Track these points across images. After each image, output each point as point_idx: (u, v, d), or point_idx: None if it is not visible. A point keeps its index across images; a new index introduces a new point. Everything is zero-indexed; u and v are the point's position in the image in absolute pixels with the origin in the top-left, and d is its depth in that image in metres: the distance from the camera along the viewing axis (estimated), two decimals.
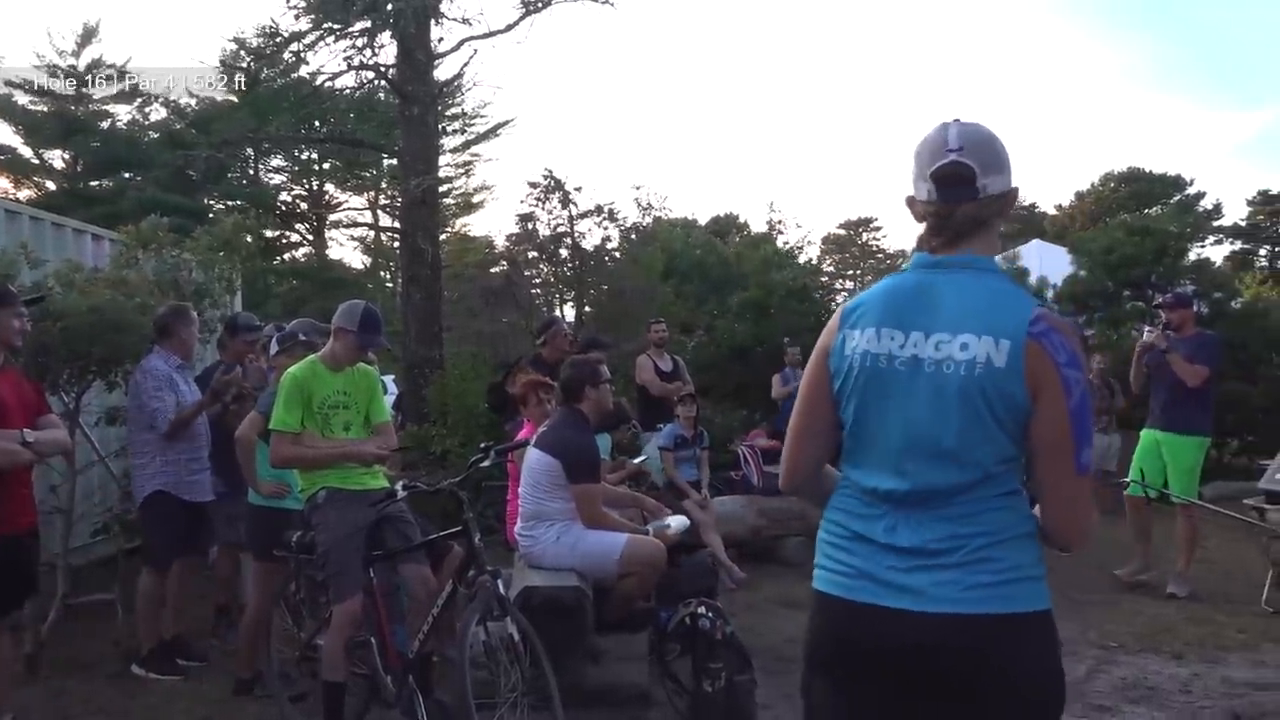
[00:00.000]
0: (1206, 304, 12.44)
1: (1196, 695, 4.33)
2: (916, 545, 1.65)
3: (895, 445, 1.69)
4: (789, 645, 5.14)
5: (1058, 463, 1.61)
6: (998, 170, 1.70)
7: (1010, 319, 1.61)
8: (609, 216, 12.32)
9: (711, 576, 5.02)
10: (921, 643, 1.62)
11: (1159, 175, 46.82)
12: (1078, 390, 1.60)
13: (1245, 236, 46.38)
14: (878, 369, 1.71)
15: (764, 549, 7.29)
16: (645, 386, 8.22)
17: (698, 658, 4.02)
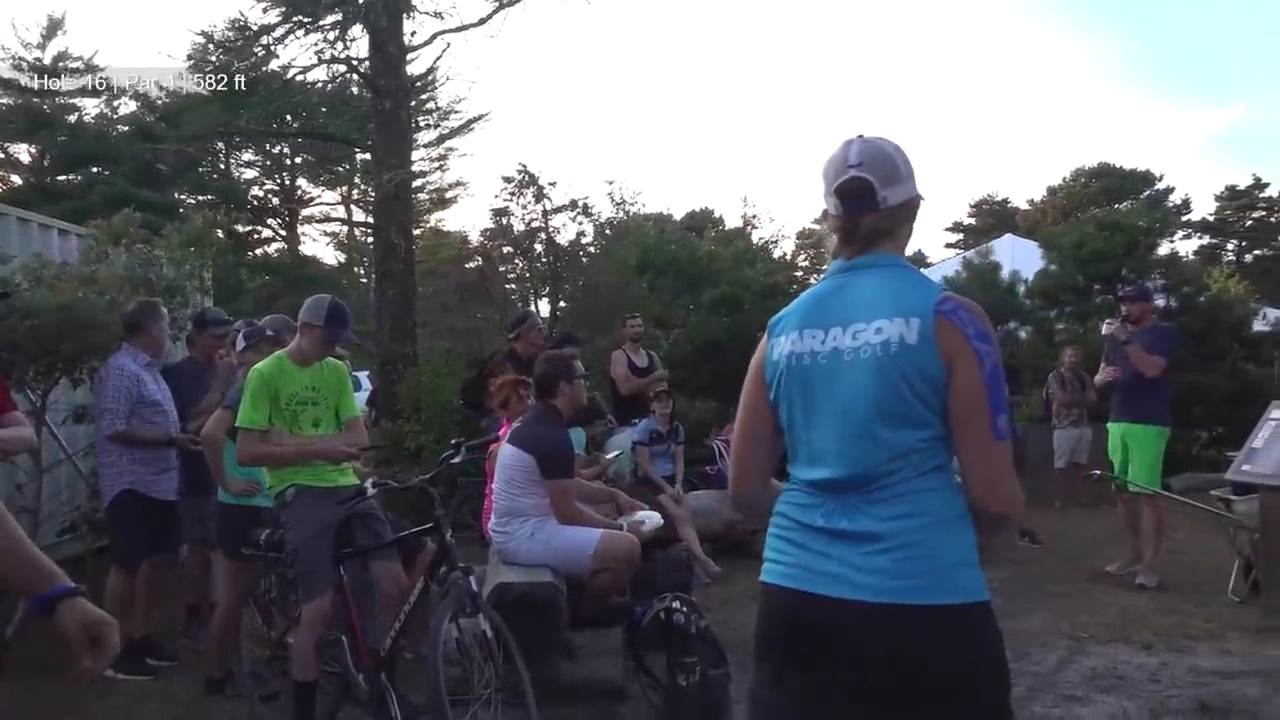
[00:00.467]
0: (1176, 298, 12.60)
1: (1165, 685, 4.38)
2: (852, 530, 1.68)
3: (827, 435, 1.75)
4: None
5: (975, 430, 1.66)
6: (897, 181, 1.80)
7: (918, 300, 1.70)
8: (583, 211, 12.29)
9: (686, 571, 5.03)
10: (848, 631, 1.65)
11: (1129, 171, 47.34)
12: (989, 360, 1.66)
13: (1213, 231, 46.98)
14: (803, 367, 1.79)
15: (739, 543, 7.30)
16: (615, 383, 8.21)
17: (672, 652, 4.02)
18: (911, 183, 1.84)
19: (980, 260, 14.00)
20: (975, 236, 42.93)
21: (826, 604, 1.67)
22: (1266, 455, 5.42)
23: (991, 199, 53.71)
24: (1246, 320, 12.95)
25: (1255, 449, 5.53)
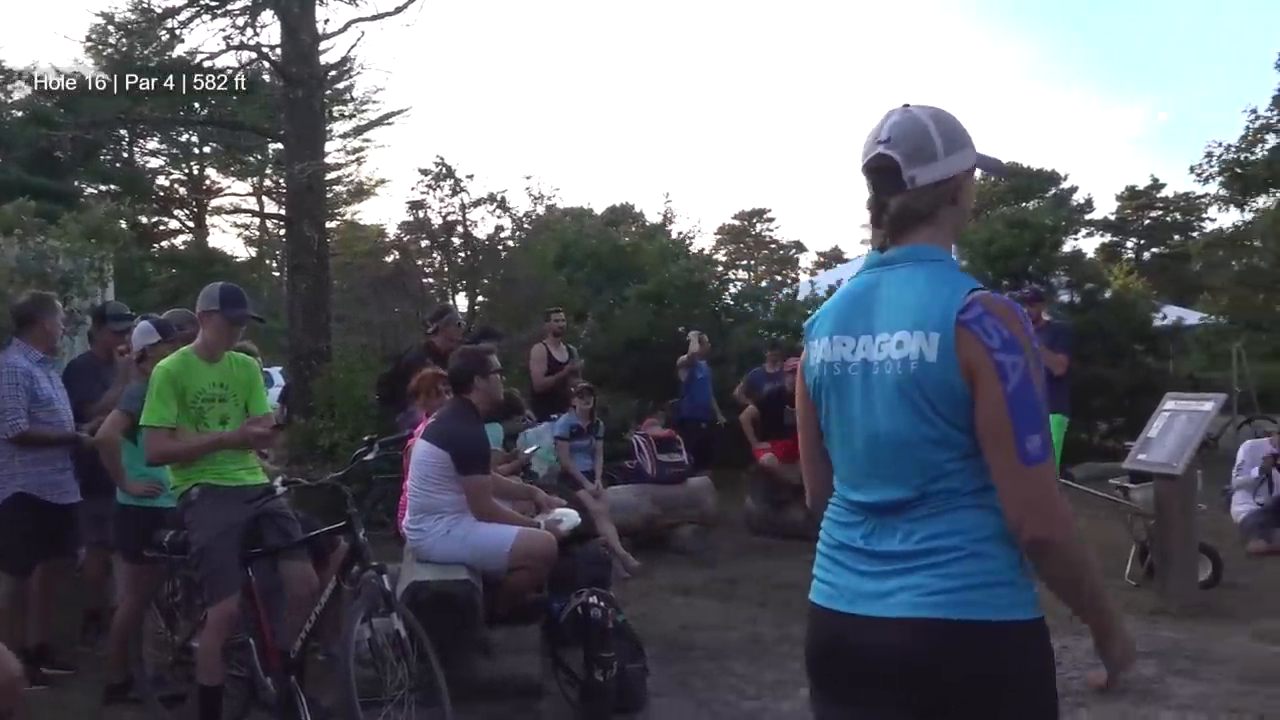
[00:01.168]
0: (1079, 295, 13.05)
1: (1066, 667, 4.51)
2: (890, 550, 1.61)
3: (861, 453, 1.67)
4: (683, 632, 5.20)
5: (1000, 454, 1.51)
6: (929, 159, 1.63)
7: (940, 310, 1.56)
8: (501, 205, 12.19)
9: (604, 566, 5.03)
10: (882, 648, 1.58)
11: (1036, 170, 48.84)
12: (1015, 375, 1.50)
13: (1114, 230, 48.79)
14: (834, 378, 1.69)
15: (658, 537, 7.34)
16: (530, 378, 8.18)
17: (589, 647, 4.02)
18: (953, 159, 1.65)
19: None
20: None
21: (862, 623, 1.61)
22: (1160, 445, 5.64)
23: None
24: (1147, 317, 13.46)
25: (1150, 439, 5.75)
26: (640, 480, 7.52)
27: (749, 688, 4.34)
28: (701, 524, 7.53)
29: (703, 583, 6.35)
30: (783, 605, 5.73)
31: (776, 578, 6.47)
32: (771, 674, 4.50)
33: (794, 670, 4.54)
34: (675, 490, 7.42)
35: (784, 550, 7.35)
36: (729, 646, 4.94)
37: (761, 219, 58.87)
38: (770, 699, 4.20)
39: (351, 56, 11.91)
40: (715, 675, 4.50)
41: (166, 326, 4.44)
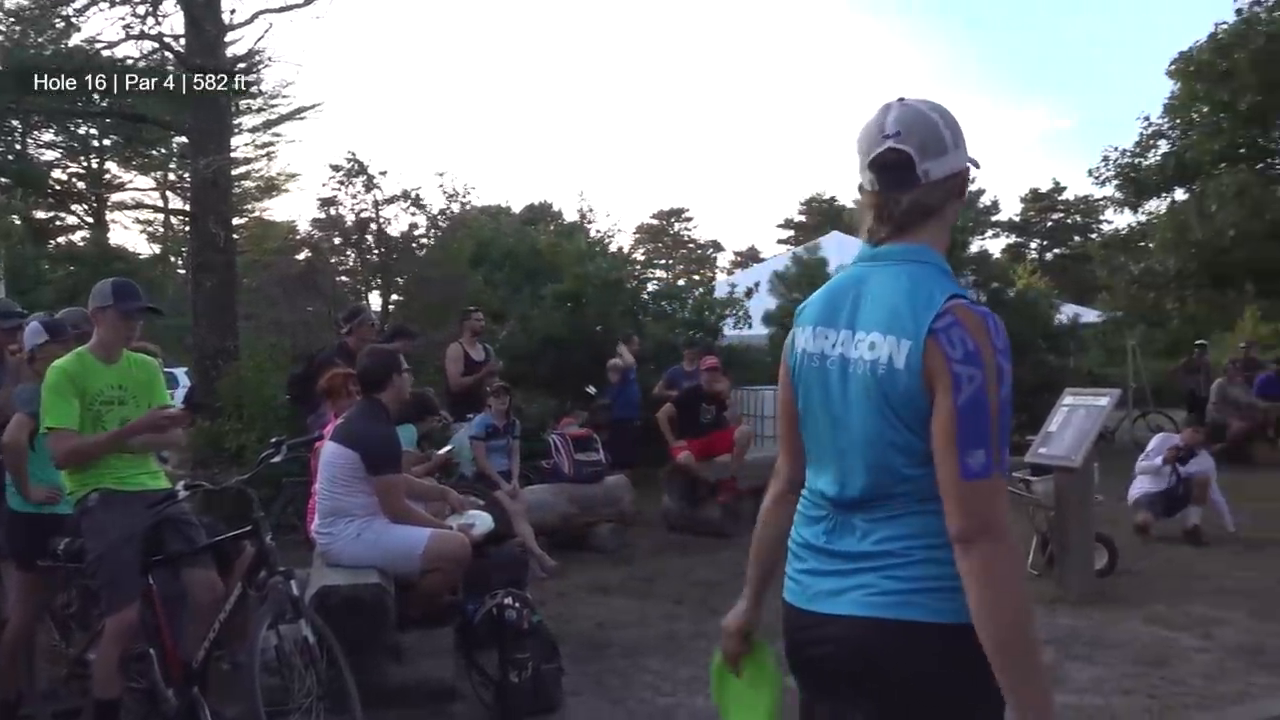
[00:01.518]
0: (985, 293, 13.44)
1: None
2: (848, 550, 1.62)
3: (830, 447, 1.66)
4: (599, 631, 5.19)
5: (945, 461, 1.49)
6: (939, 153, 1.61)
7: (916, 317, 1.54)
8: (415, 203, 12.00)
9: (520, 567, 5.00)
10: (832, 645, 1.61)
11: None
12: (969, 387, 1.48)
13: (1019, 231, 50.42)
14: (813, 369, 1.68)
15: (575, 537, 7.32)
16: (446, 378, 8.10)
17: (504, 649, 3.99)
18: (960, 152, 1.64)
19: (808, 256, 14.52)
20: (805, 233, 44.53)
21: (816, 619, 1.63)
22: (1059, 439, 5.85)
23: (820, 197, 55.88)
24: (1048, 315, 13.92)
25: (1050, 433, 5.96)
26: (557, 479, 7.50)
27: (664, 684, 4.37)
28: (619, 522, 7.54)
29: (620, 581, 6.36)
30: (699, 603, 5.78)
31: (693, 575, 6.53)
32: (687, 670, 4.53)
33: (708, 666, 4.58)
34: (592, 489, 7.42)
35: (701, 547, 7.42)
36: (645, 644, 4.96)
37: (680, 218, 59.25)
38: (685, 695, 4.23)
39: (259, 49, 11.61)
40: (631, 673, 4.52)
41: (57, 326, 4.25)
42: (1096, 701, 4.01)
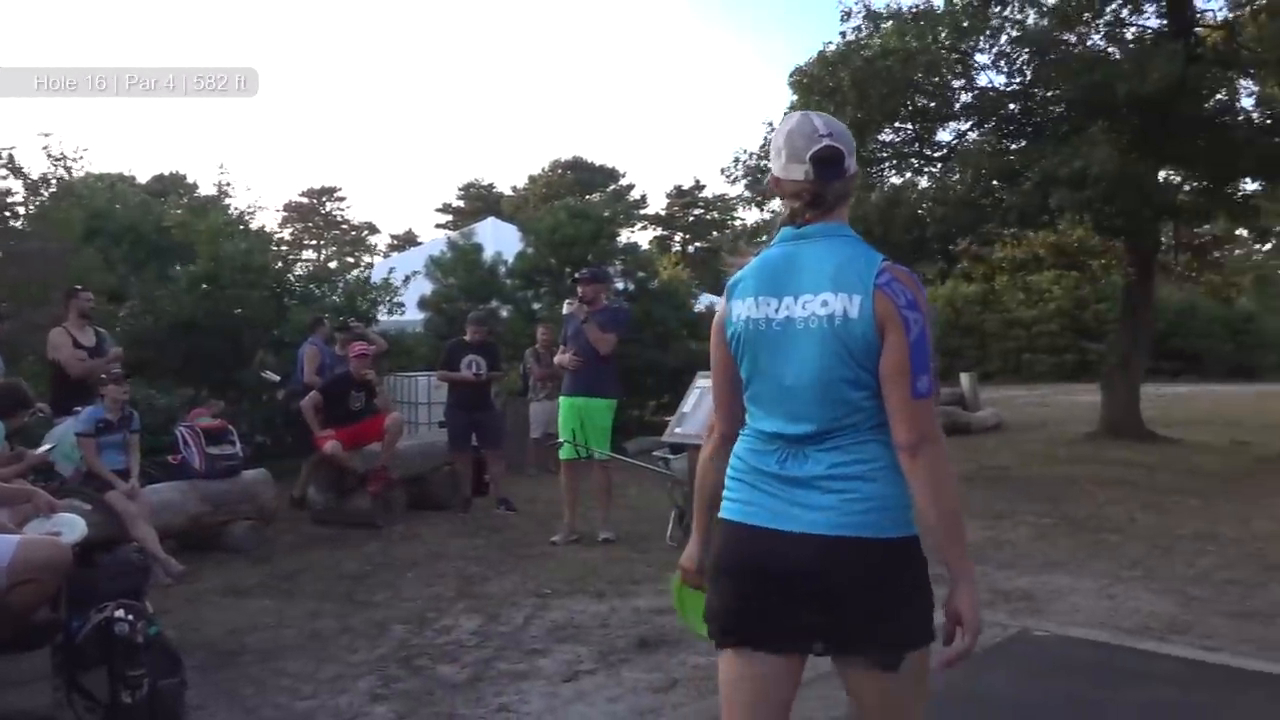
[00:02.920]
0: (633, 283, 14.13)
1: (613, 628, 4.88)
2: (803, 475, 1.91)
3: (781, 394, 1.95)
4: (231, 637, 4.83)
5: (899, 386, 1.85)
6: (852, 153, 2.00)
7: (860, 276, 1.88)
8: (10, 166, 10.43)
9: (138, 573, 4.48)
10: (799, 558, 1.87)
11: (598, 166, 52.15)
12: (916, 327, 1.85)
13: (664, 224, 53.57)
14: (759, 332, 1.96)
15: (208, 537, 6.75)
16: (63, 365, 7.16)
17: (114, 667, 3.57)
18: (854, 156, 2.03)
19: (464, 242, 14.45)
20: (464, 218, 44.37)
21: (781, 536, 1.89)
22: (694, 418, 6.29)
23: (478, 183, 55.94)
24: (688, 304, 14.89)
25: (685, 413, 6.39)
26: (187, 476, 6.86)
27: (305, 686, 4.14)
28: (259, 519, 7.06)
29: (258, 581, 5.96)
30: (345, 597, 5.56)
31: (340, 569, 6.27)
32: (331, 669, 4.34)
33: (354, 663, 4.42)
34: (227, 485, 6.88)
35: (349, 540, 7.14)
36: (284, 646, 4.68)
37: (332, 197, 56.65)
38: (328, 695, 4.04)
39: None
40: (267, 679, 4.24)
41: None
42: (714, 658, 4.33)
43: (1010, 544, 6.80)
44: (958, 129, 13.86)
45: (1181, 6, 12.49)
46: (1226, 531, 7.14)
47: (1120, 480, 9.66)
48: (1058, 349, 28.94)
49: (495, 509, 8.24)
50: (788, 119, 2.03)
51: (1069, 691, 3.88)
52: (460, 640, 4.73)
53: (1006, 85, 13.39)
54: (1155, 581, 5.71)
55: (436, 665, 4.38)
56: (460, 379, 8.34)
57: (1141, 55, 11.78)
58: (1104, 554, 6.45)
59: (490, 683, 4.13)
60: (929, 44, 12.55)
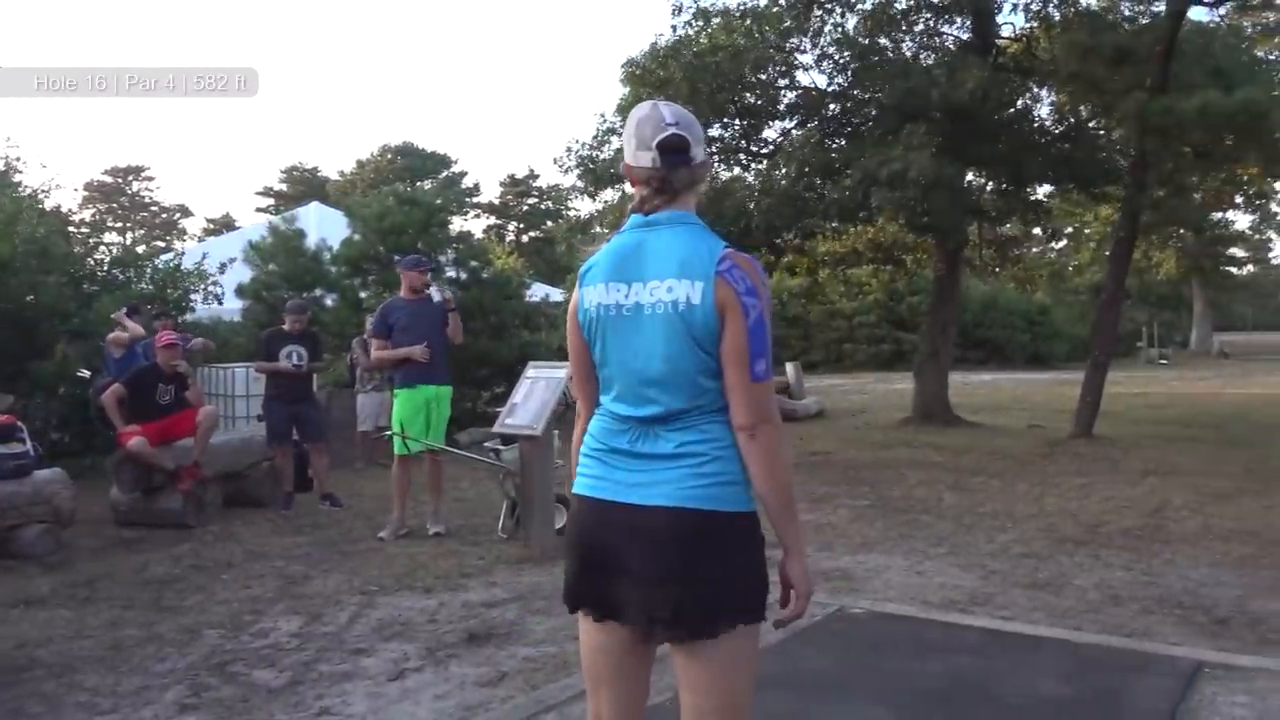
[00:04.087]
0: (465, 272, 13.89)
1: (441, 623, 4.79)
2: (652, 452, 1.98)
3: (632, 377, 2.01)
4: (19, 651, 4.46)
5: (739, 369, 1.92)
6: (699, 142, 2.05)
7: (703, 263, 1.94)
8: None
9: None
10: (643, 529, 1.95)
11: (430, 152, 51.00)
12: (754, 313, 1.93)
13: (498, 213, 53.01)
14: (609, 317, 2.02)
15: None
16: None
17: None
18: (703, 145, 2.09)
19: (286, 226, 13.84)
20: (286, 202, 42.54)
21: (626, 509, 1.97)
22: (524, 410, 6.24)
23: (302, 167, 53.72)
24: (521, 294, 14.78)
25: (516, 404, 6.33)
26: None
27: (103, 701, 3.86)
28: (54, 522, 6.53)
29: (52, 589, 5.52)
30: (152, 603, 5.23)
31: (147, 573, 5.89)
32: (134, 680, 4.07)
33: (161, 673, 4.16)
34: (16, 486, 6.33)
35: (158, 542, 6.72)
36: (81, 658, 4.35)
37: (140, 177, 53.14)
38: (130, 709, 3.78)
39: None
40: (61, 694, 3.93)
41: None
42: (552, 650, 4.33)
43: (830, 526, 7.11)
44: (783, 127, 14.34)
45: (985, 20, 13.32)
46: (1022, 509, 7.70)
47: (930, 463, 10.27)
48: (876, 339, 30.47)
49: (319, 505, 7.94)
50: (639, 108, 2.08)
51: (881, 665, 4.09)
52: (279, 643, 4.53)
53: (828, 86, 13.96)
54: (960, 557, 6.10)
55: (253, 670, 4.18)
56: (280, 370, 7.98)
57: (953, 63, 12.51)
58: (915, 533, 6.83)
59: (311, 685, 3.98)
60: (757, 42, 12.91)
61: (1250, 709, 3.57)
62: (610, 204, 14.45)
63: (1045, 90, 13.94)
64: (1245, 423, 14.10)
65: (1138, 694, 3.75)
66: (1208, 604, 5.01)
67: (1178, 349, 39.55)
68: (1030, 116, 14.18)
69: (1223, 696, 3.68)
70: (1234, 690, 3.74)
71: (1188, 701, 3.64)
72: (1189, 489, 8.41)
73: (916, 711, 3.60)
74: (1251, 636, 4.50)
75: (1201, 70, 11.45)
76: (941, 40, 13.95)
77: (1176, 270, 40.07)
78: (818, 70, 13.93)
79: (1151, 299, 40.95)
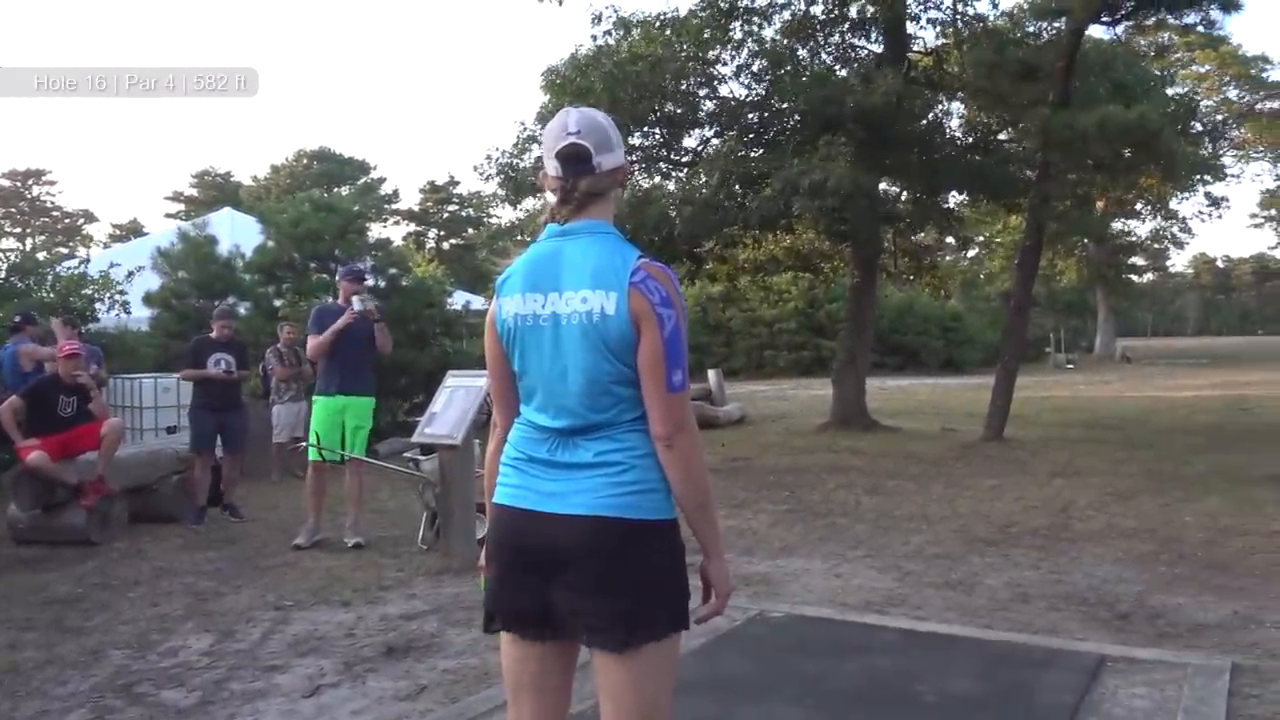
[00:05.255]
0: (384, 279, 13.68)
1: (359, 637, 4.70)
2: (571, 461, 1.98)
3: (550, 390, 2.00)
4: None
5: (655, 380, 1.93)
6: (609, 149, 2.02)
7: (617, 274, 1.93)
8: None
9: None
10: (560, 537, 1.94)
11: (347, 158, 50.16)
12: (669, 323, 1.93)
13: (418, 220, 52.39)
14: (526, 328, 2.01)
15: None
16: None
17: None
18: (620, 151, 2.06)
19: (196, 232, 13.47)
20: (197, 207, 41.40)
21: (545, 518, 1.96)
22: (444, 419, 6.17)
23: (213, 171, 52.34)
24: (442, 302, 14.61)
25: (435, 413, 6.25)
26: None
27: None
28: None
29: None
30: (53, 624, 5.02)
31: (48, 592, 5.66)
32: (33, 705, 3.90)
33: (62, 696, 4.00)
34: None
35: (59, 560, 6.46)
36: None
37: (40, 181, 51.18)
38: None
39: None
40: None
41: None
42: (473, 662, 4.28)
43: (751, 531, 7.18)
44: (703, 135, 14.48)
45: (898, 33, 13.66)
46: (936, 511, 7.90)
47: (849, 467, 10.46)
48: (796, 346, 30.96)
49: (220, 512, 7.76)
50: (556, 116, 2.08)
51: (800, 667, 4.14)
52: (188, 662, 4.39)
53: (747, 96, 14.15)
54: (877, 559, 6.22)
55: (161, 690, 4.04)
56: (211, 377, 7.78)
57: (867, 73, 12.80)
58: (834, 536, 6.95)
59: (222, 704, 3.87)
60: (676, 51, 13.02)
61: (1149, 699, 3.72)
62: (531, 212, 14.41)
63: (956, 103, 14.36)
64: (1145, 425, 14.69)
65: (1045, 689, 3.86)
66: (1110, 600, 5.20)
67: (1083, 354, 41.07)
68: (942, 128, 14.58)
69: (1124, 689, 3.83)
70: (1134, 682, 3.89)
71: (1091, 695, 3.77)
72: (1093, 489, 8.72)
73: (835, 712, 3.66)
74: (1151, 630, 4.69)
75: (1104, 84, 11.93)
76: (856, 53, 14.26)
77: (1079, 278, 41.61)
78: (736, 81, 14.13)
79: (1058, 305, 42.47)
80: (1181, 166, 13.91)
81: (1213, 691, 3.76)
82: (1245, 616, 4.85)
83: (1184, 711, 3.58)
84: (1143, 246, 45.11)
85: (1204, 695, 3.72)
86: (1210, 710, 3.59)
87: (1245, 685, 3.87)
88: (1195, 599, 5.19)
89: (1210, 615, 4.89)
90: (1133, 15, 13.11)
